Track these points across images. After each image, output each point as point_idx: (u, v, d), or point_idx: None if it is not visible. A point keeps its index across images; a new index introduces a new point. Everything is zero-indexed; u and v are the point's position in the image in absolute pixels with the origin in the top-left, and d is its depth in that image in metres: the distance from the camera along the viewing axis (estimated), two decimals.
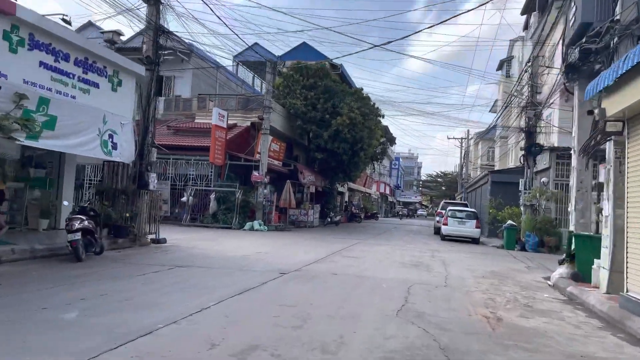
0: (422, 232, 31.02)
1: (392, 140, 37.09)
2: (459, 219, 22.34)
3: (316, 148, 28.91)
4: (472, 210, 23.30)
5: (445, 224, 22.47)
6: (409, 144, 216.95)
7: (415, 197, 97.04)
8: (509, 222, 20.22)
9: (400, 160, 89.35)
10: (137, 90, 13.72)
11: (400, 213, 65.07)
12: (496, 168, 36.61)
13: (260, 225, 21.81)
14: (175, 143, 23.92)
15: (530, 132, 20.50)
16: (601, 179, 9.36)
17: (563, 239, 20.36)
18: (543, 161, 21.98)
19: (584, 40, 10.12)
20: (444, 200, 28.61)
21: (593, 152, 9.46)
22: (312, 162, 30.40)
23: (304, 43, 40.81)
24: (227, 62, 43.66)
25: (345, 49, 35.56)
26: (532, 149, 20.46)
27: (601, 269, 9.13)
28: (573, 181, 11.27)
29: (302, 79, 28.96)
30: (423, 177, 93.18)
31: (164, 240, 13.92)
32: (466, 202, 29.39)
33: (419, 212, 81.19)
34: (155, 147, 13.68)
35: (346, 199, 42.62)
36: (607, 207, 8.92)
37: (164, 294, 6.74)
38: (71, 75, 10.51)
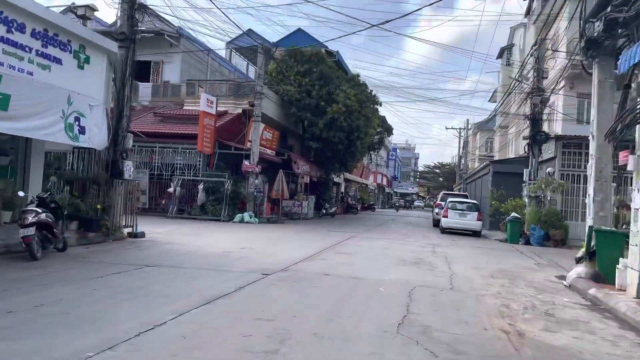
0: (420, 224, 29.88)
1: (389, 129, 35.79)
2: (460, 211, 21.17)
3: (311, 137, 27.64)
4: (474, 201, 22.14)
5: (446, 216, 21.31)
6: (406, 134, 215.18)
7: (413, 188, 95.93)
8: (513, 214, 19.06)
9: (398, 151, 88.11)
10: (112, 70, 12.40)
11: (396, 204, 61.71)
12: (496, 158, 35.45)
13: (250, 217, 20.60)
14: (162, 130, 22.64)
15: (535, 120, 19.28)
16: (630, 167, 8.16)
17: (569, 233, 19.26)
18: (548, 150, 20.78)
19: (608, 9, 8.88)
20: (443, 192, 27.46)
21: (620, 136, 8.24)
22: (307, 152, 29.15)
23: (299, 29, 39.28)
24: (220, 47, 42.24)
25: (343, 33, 34.23)
26: (537, 137, 19.26)
27: (629, 269, 7.96)
28: (591, 170, 10.09)
29: (297, 65, 27.64)
30: (420, 168, 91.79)
31: (142, 234, 12.70)
32: (466, 193, 28.27)
33: (416, 203, 79.79)
34: (132, 133, 12.38)
35: (342, 189, 41.43)
36: (638, 199, 7.73)
37: (114, 305, 5.52)
38: (27, 49, 9.19)
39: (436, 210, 26.69)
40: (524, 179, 23.37)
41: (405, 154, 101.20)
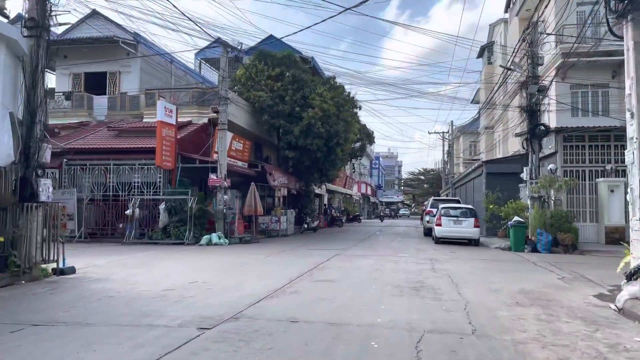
0: (410, 234, 27.49)
1: (370, 135, 33.51)
2: (455, 218, 18.82)
3: (287, 146, 25.18)
4: (469, 207, 19.81)
5: (439, 225, 18.93)
6: (390, 138, 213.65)
7: (397, 196, 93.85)
8: (516, 218, 16.74)
9: (381, 159, 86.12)
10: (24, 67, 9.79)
11: (381, 214, 56.07)
12: (484, 159, 33.30)
13: (220, 238, 17.97)
14: (116, 146, 19.95)
15: (533, 111, 17.08)
16: None
17: (580, 236, 17.01)
18: (548, 145, 18.62)
19: None
20: (432, 197, 25.17)
21: None
22: (283, 162, 26.65)
23: (271, 36, 37.01)
24: (188, 59, 39.64)
25: (320, 45, 32.01)
26: (536, 131, 17.05)
27: None
28: (633, 157, 7.77)
29: (267, 69, 25.25)
30: (404, 176, 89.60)
31: (72, 270, 10.03)
32: (458, 198, 26.02)
33: (402, 211, 77.10)
34: (47, 144, 9.74)
35: (325, 201, 38.93)
36: None
37: None
38: None
39: (427, 218, 24.32)
40: (523, 178, 21.18)
41: (388, 163, 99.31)
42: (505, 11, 34.26)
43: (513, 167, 21.82)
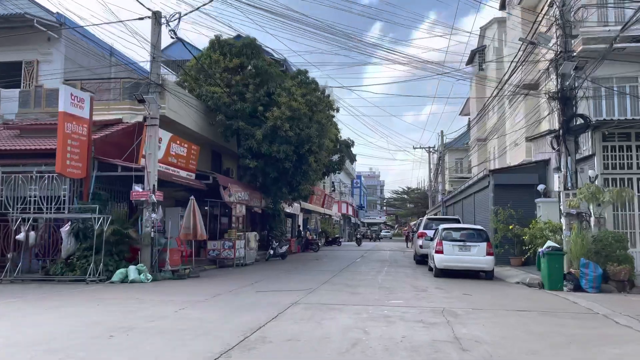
0: (397, 260, 22.57)
1: (348, 145, 28.72)
2: (461, 243, 14.01)
3: (248, 153, 20.27)
4: (478, 227, 14.99)
5: (440, 252, 14.07)
6: (371, 159, 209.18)
7: (380, 217, 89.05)
8: (550, 243, 11.99)
9: (362, 178, 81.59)
10: None
11: (358, 236, 42.49)
12: (475, 175, 28.59)
13: (140, 272, 12.84)
14: (10, 148, 14.78)
15: (567, 98, 12.53)
16: None
17: (637, 267, 12.34)
18: (583, 146, 14.05)
19: None
20: (426, 217, 20.34)
21: None
22: (246, 174, 21.68)
23: (238, 35, 32.46)
24: (143, 60, 34.78)
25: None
26: (572, 125, 12.50)
27: None
28: None
29: (224, 60, 20.47)
30: (387, 195, 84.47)
31: None
32: (457, 217, 21.36)
33: (383, 233, 70.87)
34: None
35: (300, 222, 33.88)
36: None
37: None
38: None
39: (419, 242, 19.46)
40: (540, 191, 16.53)
41: (370, 182, 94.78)
42: (501, 8, 30.25)
43: (528, 178, 17.27)
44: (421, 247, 18.96)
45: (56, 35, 19.62)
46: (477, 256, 13.84)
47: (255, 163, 20.08)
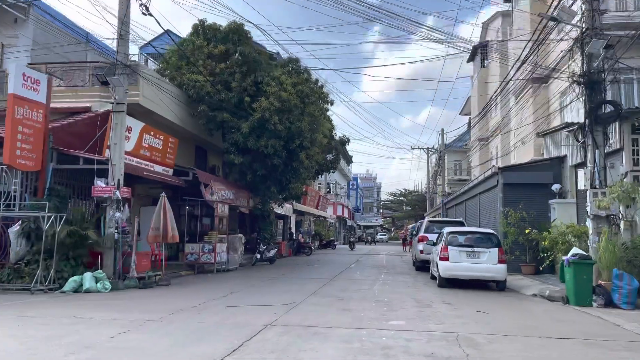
0: (395, 265, 20.76)
1: (344, 142, 26.88)
2: (469, 249, 12.19)
3: (233, 148, 18.44)
4: (489, 231, 13.14)
5: (445, 259, 12.25)
6: (367, 160, 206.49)
7: (377, 220, 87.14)
8: (576, 250, 10.18)
9: (359, 180, 79.79)
10: None
11: (351, 240, 39.67)
12: (476, 176, 26.61)
13: (97, 280, 10.98)
14: None
15: (595, 82, 10.75)
16: None
17: None
18: (610, 139, 12.26)
19: None
20: (427, 219, 18.44)
21: None
22: (233, 171, 19.84)
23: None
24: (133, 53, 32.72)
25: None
26: (600, 113, 10.72)
27: None
28: None
29: (208, 46, 18.64)
30: (384, 196, 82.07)
31: None
32: (461, 219, 19.50)
33: (379, 236, 67.95)
34: None
35: (292, 224, 32.03)
36: None
37: None
38: None
39: (419, 246, 17.63)
40: (555, 191, 14.76)
41: (367, 184, 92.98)
42: (507, 0, 28.51)
43: (541, 177, 15.50)
44: (422, 252, 17.13)
45: (23, 17, 17.79)
46: (488, 264, 12.03)
47: (240, 159, 18.23)
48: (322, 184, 53.52)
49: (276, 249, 20.37)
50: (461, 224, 17.35)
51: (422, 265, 17.45)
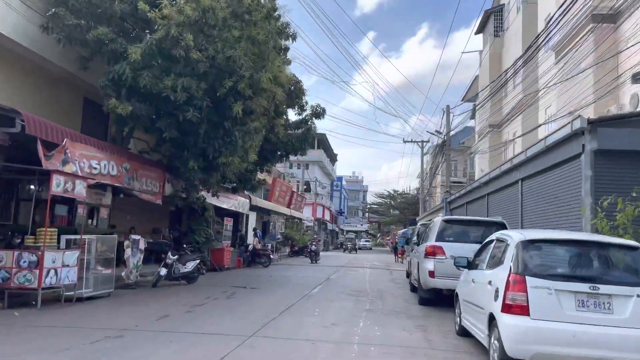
0: (383, 290, 13.05)
1: (318, 114, 18.92)
2: (585, 288, 4.55)
3: (113, 86, 10.68)
4: (631, 243, 5.38)
5: (521, 309, 4.61)
6: (354, 160, 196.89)
7: (362, 224, 79.38)
8: None
9: (344, 181, 72.24)
10: None
11: (312, 250, 25.41)
12: (481, 175, 18.85)
13: None
14: None
15: None
16: None
17: None
18: None
19: None
20: (440, 218, 10.83)
21: None
22: (122, 133, 12.07)
23: None
24: None
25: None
26: None
27: None
28: None
29: None
30: (372, 198, 72.82)
31: None
32: (499, 218, 11.76)
33: (362, 242, 57.58)
34: None
35: (250, 225, 24.11)
36: None
37: None
38: None
39: (429, 264, 9.68)
40: None
41: (352, 187, 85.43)
42: None
43: None
44: (432, 274, 9.44)
45: None
46: (635, 327, 4.40)
47: (129, 108, 10.43)
48: (300, 182, 45.77)
49: (197, 261, 12.50)
50: (502, 226, 9.68)
51: (433, 298, 9.83)
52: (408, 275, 16.12)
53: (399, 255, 28.63)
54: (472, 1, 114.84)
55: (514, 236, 5.31)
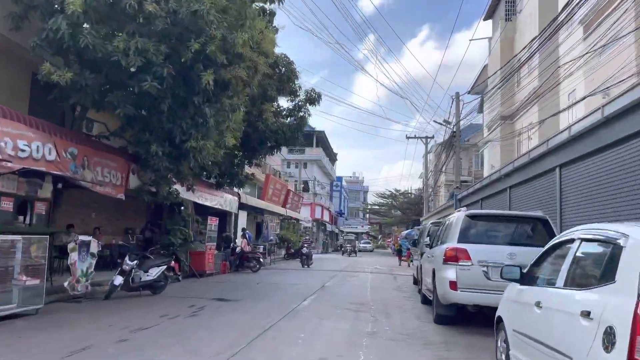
0: (387, 301, 10.77)
1: (313, 100, 16.65)
2: None
3: (47, 47, 8.43)
4: None
5: None
6: (355, 160, 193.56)
7: (362, 226, 76.97)
8: None
9: (344, 182, 69.99)
10: None
11: (303, 252, 21.87)
12: (491, 173, 16.52)
13: None
14: None
15: None
16: None
17: None
18: None
19: None
20: (463, 213, 8.65)
21: None
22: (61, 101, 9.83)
23: None
24: None
25: None
26: None
27: None
28: None
29: None
30: (372, 198, 69.76)
31: None
32: (540, 213, 9.54)
33: (362, 244, 53.86)
34: None
35: (240, 224, 21.81)
36: None
37: None
38: None
39: (449, 273, 7.34)
40: None
41: (353, 187, 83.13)
42: None
43: None
44: (454, 286, 7.17)
45: None
46: None
47: (67, 74, 8.18)
48: (298, 181, 43.55)
49: (163, 267, 10.25)
50: (544, 223, 7.43)
51: (454, 315, 7.55)
52: (415, 281, 13.91)
53: (405, 259, 26.29)
54: (472, 1, 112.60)
55: (635, 234, 3.00)
